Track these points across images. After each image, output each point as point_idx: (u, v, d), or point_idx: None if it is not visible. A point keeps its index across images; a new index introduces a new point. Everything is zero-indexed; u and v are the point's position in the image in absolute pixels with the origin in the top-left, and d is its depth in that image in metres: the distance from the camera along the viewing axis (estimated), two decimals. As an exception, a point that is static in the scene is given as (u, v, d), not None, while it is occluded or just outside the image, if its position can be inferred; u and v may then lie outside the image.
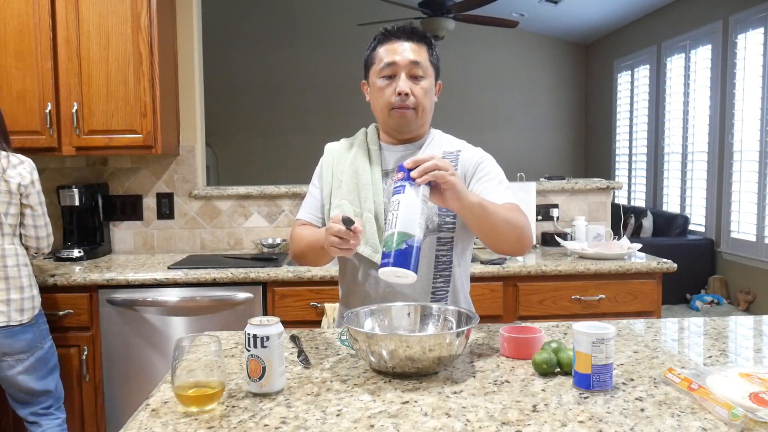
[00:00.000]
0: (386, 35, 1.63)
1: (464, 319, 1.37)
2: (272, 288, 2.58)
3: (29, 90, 2.76)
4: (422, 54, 1.61)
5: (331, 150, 1.75)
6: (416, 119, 1.62)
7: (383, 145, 1.69)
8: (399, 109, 1.59)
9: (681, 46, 6.66)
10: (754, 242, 5.48)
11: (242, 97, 8.53)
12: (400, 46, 1.60)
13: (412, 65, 1.58)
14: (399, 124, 1.63)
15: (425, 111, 1.63)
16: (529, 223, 1.54)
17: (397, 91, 1.58)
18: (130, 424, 1.07)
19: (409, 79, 1.59)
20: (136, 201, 3.18)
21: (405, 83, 1.58)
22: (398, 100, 1.58)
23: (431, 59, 1.63)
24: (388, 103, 1.60)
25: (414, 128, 1.65)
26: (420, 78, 1.60)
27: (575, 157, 9.21)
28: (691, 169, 6.43)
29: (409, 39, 1.61)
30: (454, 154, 1.67)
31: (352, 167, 1.66)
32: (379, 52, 1.62)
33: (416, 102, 1.59)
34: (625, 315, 2.59)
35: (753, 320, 1.73)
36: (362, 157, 1.66)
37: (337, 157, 1.71)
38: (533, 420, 1.05)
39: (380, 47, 1.62)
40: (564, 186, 3.26)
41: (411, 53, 1.59)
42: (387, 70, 1.59)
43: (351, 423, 1.05)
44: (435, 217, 1.61)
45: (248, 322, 1.19)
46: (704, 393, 1.10)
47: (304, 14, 8.52)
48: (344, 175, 1.66)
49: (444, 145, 1.69)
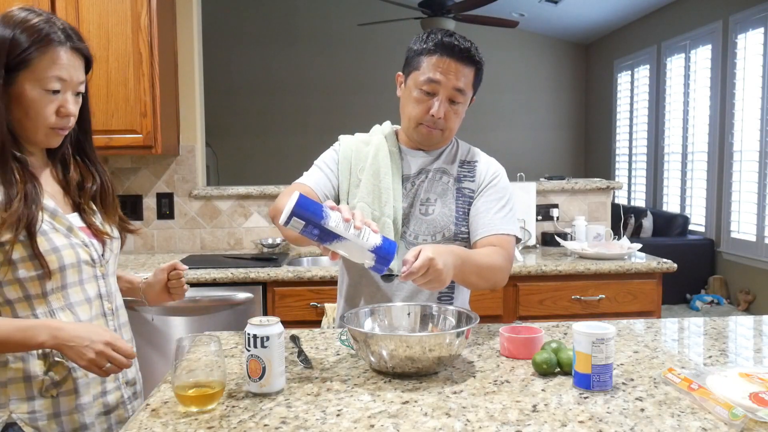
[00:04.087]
0: (441, 47, 1.53)
1: (464, 319, 1.37)
2: (272, 288, 2.58)
3: (29, 90, 2.75)
4: (468, 78, 1.56)
5: (348, 143, 1.69)
6: (441, 138, 1.62)
7: (403, 149, 1.67)
8: (427, 127, 1.58)
9: (681, 46, 6.66)
10: (754, 242, 5.48)
11: (242, 97, 8.54)
12: (449, 66, 1.53)
13: (454, 92, 1.54)
14: (422, 140, 1.63)
15: (452, 132, 1.62)
16: (509, 262, 1.58)
17: (431, 113, 1.55)
18: (130, 424, 1.07)
19: (446, 101, 1.55)
20: (136, 201, 3.18)
21: (442, 108, 1.54)
22: (429, 120, 1.56)
23: (475, 82, 1.59)
24: (418, 118, 1.58)
25: (436, 145, 1.65)
26: (458, 104, 1.57)
27: (575, 157, 9.21)
28: (691, 169, 6.44)
29: (461, 60, 1.53)
30: (472, 164, 1.68)
31: (373, 168, 1.62)
32: (426, 62, 1.54)
33: (446, 126, 1.58)
34: (625, 315, 2.59)
35: (753, 320, 1.73)
36: (384, 159, 1.63)
37: (355, 153, 1.67)
38: (533, 420, 1.05)
39: (429, 57, 1.53)
40: (564, 186, 3.26)
41: (457, 78, 1.53)
42: (428, 86, 1.54)
43: (351, 423, 1.05)
44: (452, 226, 1.62)
45: (248, 322, 1.19)
46: (704, 393, 1.10)
47: (304, 14, 8.52)
48: (364, 174, 1.62)
49: (462, 154, 1.69)
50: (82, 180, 1.37)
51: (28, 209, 1.20)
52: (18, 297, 1.23)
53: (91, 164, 1.39)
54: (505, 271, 1.57)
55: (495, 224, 1.60)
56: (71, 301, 1.27)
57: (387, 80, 2.98)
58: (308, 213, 1.19)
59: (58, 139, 1.30)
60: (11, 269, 1.21)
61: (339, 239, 1.21)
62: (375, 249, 1.22)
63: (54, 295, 1.25)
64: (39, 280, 1.23)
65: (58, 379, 1.25)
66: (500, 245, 1.57)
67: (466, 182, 1.66)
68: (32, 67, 1.21)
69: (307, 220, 1.19)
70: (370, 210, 1.59)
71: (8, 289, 1.22)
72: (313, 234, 1.21)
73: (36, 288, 1.23)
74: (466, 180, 1.66)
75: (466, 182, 1.66)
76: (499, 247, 1.56)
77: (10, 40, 1.20)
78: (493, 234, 1.58)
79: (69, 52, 1.25)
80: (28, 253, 1.21)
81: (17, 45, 1.20)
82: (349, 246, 1.22)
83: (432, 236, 1.61)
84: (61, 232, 1.27)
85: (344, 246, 1.22)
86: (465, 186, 1.65)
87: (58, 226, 1.27)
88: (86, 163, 1.39)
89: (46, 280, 1.23)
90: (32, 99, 1.23)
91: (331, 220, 1.20)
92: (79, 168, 1.37)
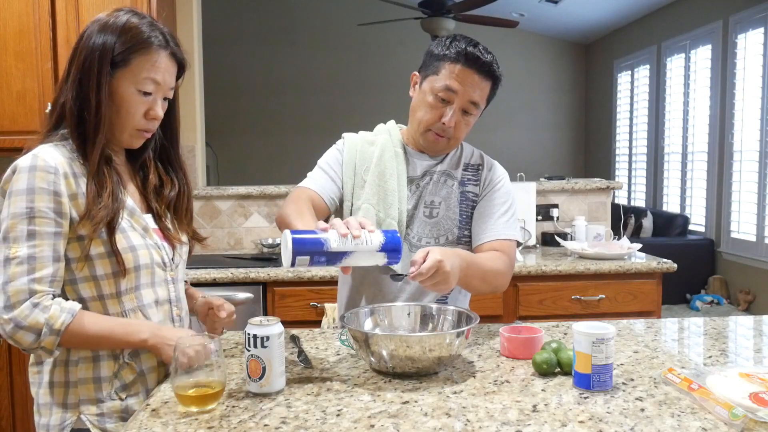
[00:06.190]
0: (464, 58, 1.51)
1: (464, 319, 1.37)
2: (272, 288, 2.58)
3: (29, 90, 2.75)
4: (485, 91, 1.55)
5: (353, 143, 1.68)
6: (446, 147, 1.62)
7: (409, 150, 1.67)
8: (435, 134, 1.57)
9: (681, 46, 6.66)
10: (754, 242, 5.48)
11: (242, 97, 8.54)
12: (469, 77, 1.52)
13: (469, 104, 1.54)
14: (427, 146, 1.63)
15: (458, 141, 1.62)
16: (511, 268, 1.60)
17: (443, 120, 1.54)
18: (130, 424, 1.07)
19: (459, 111, 1.54)
20: (136, 201, 3.18)
21: (454, 118, 1.54)
22: (439, 128, 1.56)
23: (490, 96, 1.58)
24: (428, 123, 1.57)
25: (440, 151, 1.65)
26: (471, 115, 1.57)
27: (575, 157, 9.21)
28: (691, 169, 6.44)
29: (481, 73, 1.52)
30: (475, 167, 1.68)
31: (378, 169, 1.61)
32: (446, 69, 1.52)
33: (455, 135, 1.58)
34: (625, 315, 2.59)
35: (753, 320, 1.73)
36: (390, 160, 1.62)
37: (360, 153, 1.66)
38: (533, 420, 1.05)
39: (450, 64, 1.52)
40: (564, 186, 3.26)
41: (474, 90, 1.52)
42: (444, 94, 1.53)
43: (351, 423, 1.05)
44: (455, 229, 1.63)
45: (248, 322, 1.19)
46: (704, 393, 1.10)
47: (305, 14, 8.52)
48: (369, 175, 1.62)
49: (466, 157, 1.69)
50: (161, 185, 1.37)
51: (114, 204, 1.21)
52: (92, 296, 1.23)
53: (173, 171, 1.41)
54: (507, 276, 1.58)
55: (498, 229, 1.61)
56: (143, 302, 1.27)
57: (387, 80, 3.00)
58: (308, 247, 1.19)
59: (140, 140, 1.31)
60: (87, 265, 1.21)
61: (346, 255, 1.21)
62: (382, 247, 1.22)
63: (127, 295, 1.25)
64: (114, 278, 1.22)
65: (127, 381, 1.25)
66: (502, 250, 1.58)
67: (470, 186, 1.66)
68: (130, 67, 1.23)
69: (310, 254, 1.19)
70: (375, 211, 1.59)
71: (83, 286, 1.22)
72: (321, 261, 1.21)
73: (110, 287, 1.23)
74: (470, 184, 1.66)
75: (470, 186, 1.66)
76: (502, 252, 1.58)
77: (115, 42, 1.22)
78: (495, 239, 1.60)
79: (167, 56, 1.27)
80: (106, 250, 1.21)
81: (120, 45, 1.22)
82: (358, 256, 1.22)
83: (435, 239, 1.62)
84: (138, 231, 1.27)
85: (354, 258, 1.22)
86: (469, 190, 1.66)
87: (135, 225, 1.27)
88: (168, 170, 1.40)
89: (121, 278, 1.23)
90: (125, 98, 1.24)
91: (332, 242, 1.20)
92: (158, 173, 1.38)
